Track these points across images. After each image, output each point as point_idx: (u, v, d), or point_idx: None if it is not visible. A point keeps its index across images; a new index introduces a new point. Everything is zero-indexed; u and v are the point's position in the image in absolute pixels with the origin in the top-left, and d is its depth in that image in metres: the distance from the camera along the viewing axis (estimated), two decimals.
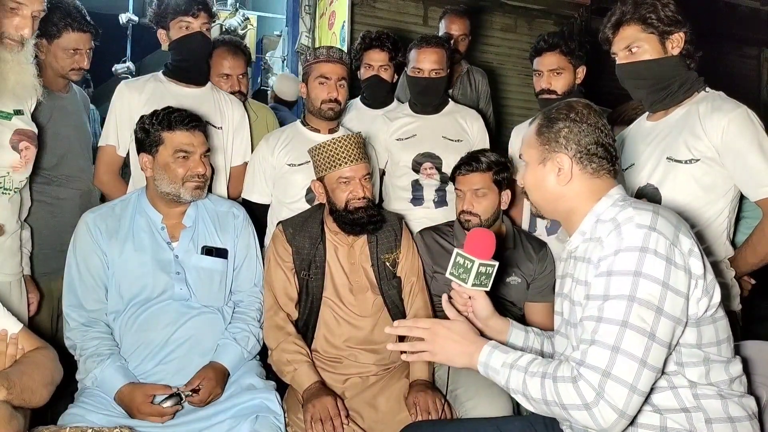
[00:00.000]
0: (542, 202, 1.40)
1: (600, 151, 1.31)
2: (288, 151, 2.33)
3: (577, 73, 2.34)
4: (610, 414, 1.10)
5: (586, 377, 1.12)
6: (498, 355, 1.27)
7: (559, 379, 1.15)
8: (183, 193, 1.88)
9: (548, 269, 2.12)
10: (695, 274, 1.19)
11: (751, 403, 1.26)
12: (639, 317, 1.13)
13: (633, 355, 1.11)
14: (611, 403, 1.10)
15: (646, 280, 1.14)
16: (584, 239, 1.32)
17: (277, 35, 5.09)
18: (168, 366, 1.79)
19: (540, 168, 1.35)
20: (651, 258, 1.15)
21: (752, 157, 1.67)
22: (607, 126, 1.35)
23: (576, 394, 1.12)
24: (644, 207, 1.24)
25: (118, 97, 2.34)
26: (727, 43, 5.16)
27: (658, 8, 1.75)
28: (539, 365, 1.21)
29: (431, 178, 2.44)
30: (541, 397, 1.17)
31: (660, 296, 1.14)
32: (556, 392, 1.15)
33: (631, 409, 1.11)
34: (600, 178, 1.32)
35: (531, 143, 1.38)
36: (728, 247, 1.81)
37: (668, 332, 1.15)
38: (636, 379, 1.10)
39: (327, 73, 2.26)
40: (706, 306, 1.21)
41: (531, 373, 1.20)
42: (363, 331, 1.96)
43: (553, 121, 1.34)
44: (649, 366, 1.12)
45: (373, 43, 2.68)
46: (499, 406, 1.75)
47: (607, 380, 1.10)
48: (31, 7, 1.63)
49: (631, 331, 1.12)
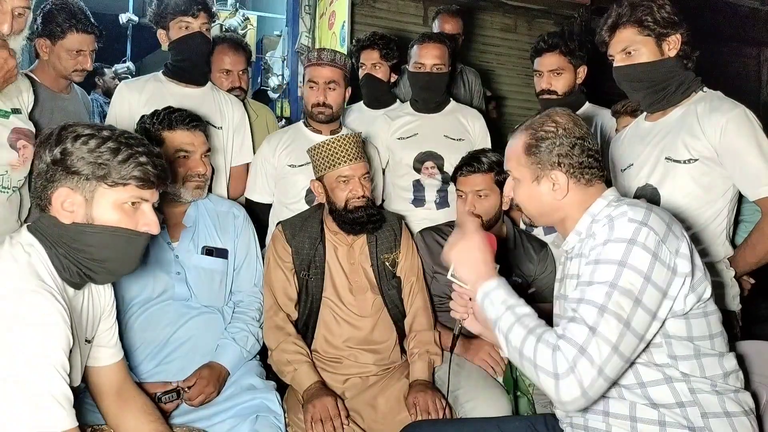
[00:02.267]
0: (537, 214, 1.42)
1: (591, 162, 1.33)
2: (290, 151, 2.33)
3: (578, 73, 2.34)
4: (575, 389, 1.11)
5: (563, 349, 1.14)
6: (502, 292, 1.28)
7: (542, 341, 1.17)
8: (183, 192, 1.88)
9: (549, 269, 2.12)
10: (681, 272, 1.20)
11: (747, 399, 1.27)
12: (617, 303, 1.14)
13: (607, 339, 1.13)
14: (579, 379, 1.11)
15: (630, 270, 1.16)
16: (580, 239, 1.33)
17: (277, 35, 5.09)
18: (169, 366, 1.79)
19: (534, 186, 1.37)
20: (638, 250, 1.17)
21: (751, 156, 1.68)
22: (589, 132, 1.37)
23: (551, 361, 1.14)
24: (639, 204, 1.25)
25: (118, 97, 2.35)
26: (727, 43, 5.17)
27: (654, 10, 1.75)
28: (532, 321, 1.22)
29: (432, 177, 2.45)
30: (518, 347, 1.19)
31: (640, 288, 1.16)
32: (534, 351, 1.16)
33: (594, 390, 1.12)
34: (593, 186, 1.35)
35: (521, 162, 1.38)
36: (727, 246, 1.82)
37: (644, 325, 1.16)
38: (605, 363, 1.12)
39: (315, 77, 2.27)
40: (694, 302, 1.22)
41: (522, 324, 1.21)
42: (363, 331, 1.96)
43: (542, 140, 1.34)
44: (619, 353, 1.13)
45: (364, 43, 2.74)
46: (499, 407, 1.75)
47: (581, 357, 1.12)
48: (10, 2, 1.60)
49: (609, 316, 1.14)
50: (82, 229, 1.26)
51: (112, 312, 1.50)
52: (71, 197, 1.25)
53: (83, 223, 1.26)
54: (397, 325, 2.02)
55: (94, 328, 1.43)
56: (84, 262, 1.28)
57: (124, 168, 1.27)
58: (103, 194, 1.27)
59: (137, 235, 1.32)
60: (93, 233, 1.27)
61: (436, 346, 1.95)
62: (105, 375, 1.49)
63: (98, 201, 1.27)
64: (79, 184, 1.25)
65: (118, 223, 1.29)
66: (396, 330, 2.02)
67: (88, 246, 1.27)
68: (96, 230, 1.27)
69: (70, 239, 1.26)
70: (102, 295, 1.46)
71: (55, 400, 1.14)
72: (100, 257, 1.29)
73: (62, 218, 1.26)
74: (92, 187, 1.26)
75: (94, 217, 1.27)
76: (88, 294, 1.40)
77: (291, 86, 4.67)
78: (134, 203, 1.31)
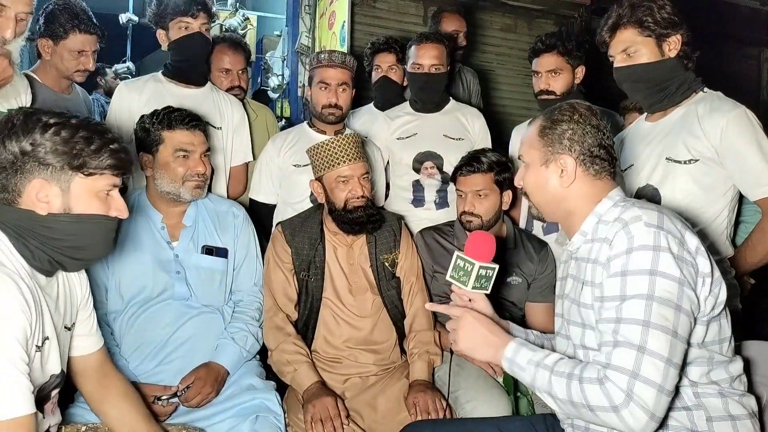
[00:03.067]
0: (543, 203, 1.40)
1: (602, 153, 1.32)
2: (294, 151, 2.34)
3: (576, 73, 2.34)
4: (641, 416, 1.09)
5: (613, 379, 1.11)
6: (524, 353, 1.27)
7: (586, 380, 1.14)
8: (183, 192, 1.88)
9: (549, 269, 2.12)
10: (703, 272, 1.19)
11: (751, 402, 1.27)
12: (661, 315, 1.12)
13: (659, 354, 1.10)
14: (641, 404, 1.09)
15: (663, 278, 1.14)
16: (585, 240, 1.32)
17: (277, 35, 5.09)
18: (169, 366, 1.79)
19: (542, 169, 1.35)
20: (666, 256, 1.15)
21: (751, 157, 1.68)
22: (608, 128, 1.35)
23: (604, 396, 1.11)
24: (649, 206, 1.24)
25: (117, 97, 2.35)
26: (727, 43, 5.16)
27: (654, 11, 1.75)
28: (565, 365, 1.20)
29: (432, 177, 2.45)
30: (567, 398, 1.17)
31: (678, 294, 1.14)
32: (583, 394, 1.14)
33: (660, 410, 1.10)
34: (601, 180, 1.33)
35: (533, 144, 1.37)
36: (728, 246, 1.82)
37: (687, 329, 1.15)
38: (663, 379, 1.10)
39: (327, 79, 2.27)
40: (713, 304, 1.21)
41: (557, 373, 1.19)
42: (362, 331, 1.96)
43: (557, 123, 1.34)
44: (674, 364, 1.12)
45: (382, 46, 2.77)
46: (499, 408, 1.75)
47: (636, 381, 1.09)
48: (14, 9, 1.62)
49: (655, 330, 1.11)
50: (60, 219, 1.26)
51: (89, 301, 1.51)
52: (46, 189, 1.24)
53: (61, 213, 1.26)
54: (397, 325, 2.02)
55: (72, 315, 1.43)
56: (59, 250, 1.28)
57: (100, 157, 1.27)
58: (80, 184, 1.27)
59: (110, 220, 1.33)
60: (71, 222, 1.27)
61: (435, 346, 1.95)
62: (87, 363, 1.50)
63: (75, 191, 1.27)
64: (53, 174, 1.24)
65: (95, 210, 1.29)
66: (396, 330, 2.02)
67: (67, 235, 1.27)
68: (73, 219, 1.27)
69: (46, 230, 1.26)
70: (78, 284, 1.46)
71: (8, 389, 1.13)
72: (77, 245, 1.30)
73: (38, 210, 1.25)
74: (68, 177, 1.25)
75: (72, 207, 1.27)
76: (63, 281, 1.40)
77: (291, 86, 4.66)
78: (108, 191, 1.31)
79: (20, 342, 1.16)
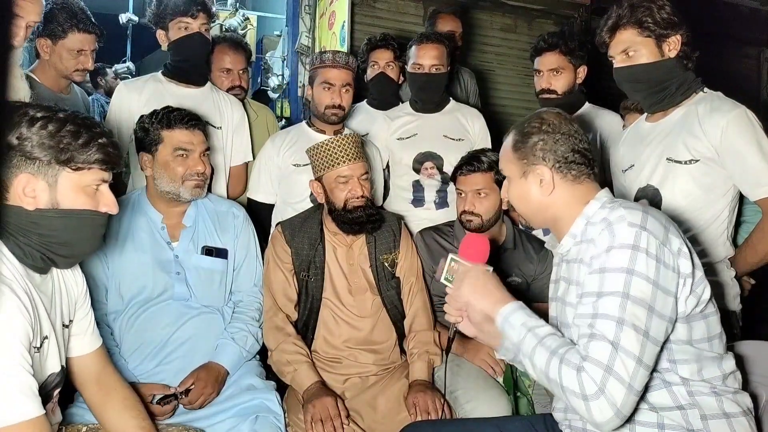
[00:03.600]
0: (529, 213, 1.42)
1: (577, 158, 1.33)
2: (294, 151, 2.34)
3: (578, 73, 2.34)
4: (607, 410, 1.11)
5: (588, 371, 1.13)
6: (521, 314, 1.28)
7: (566, 362, 1.16)
8: (182, 191, 1.88)
9: (549, 269, 2.11)
10: (683, 273, 1.20)
11: (745, 400, 1.27)
12: (633, 315, 1.14)
13: (631, 353, 1.12)
14: (610, 400, 1.11)
15: (638, 278, 1.15)
16: (575, 242, 1.33)
17: (277, 35, 5.09)
18: (169, 366, 1.79)
19: (522, 181, 1.37)
20: (642, 256, 1.16)
21: (751, 157, 1.68)
22: (580, 131, 1.37)
23: (578, 383, 1.13)
24: (634, 207, 1.25)
25: (117, 97, 2.35)
26: (727, 43, 5.16)
27: (654, 11, 1.75)
28: (554, 341, 1.21)
29: (432, 177, 2.44)
30: (544, 370, 1.19)
31: (651, 295, 1.15)
32: (560, 374, 1.16)
33: (627, 408, 1.12)
34: (582, 184, 1.34)
35: (509, 158, 1.40)
36: (728, 246, 1.81)
37: (660, 331, 1.16)
38: (633, 378, 1.11)
39: (331, 79, 2.27)
40: (695, 303, 1.22)
41: (544, 345, 1.21)
42: (362, 331, 1.96)
43: (527, 136, 1.36)
44: (644, 365, 1.13)
45: (379, 43, 2.75)
46: (499, 408, 1.75)
47: (609, 377, 1.11)
48: (26, 19, 1.64)
49: (628, 328, 1.13)
50: (47, 214, 1.25)
51: (87, 299, 1.50)
52: (32, 183, 1.23)
53: (48, 208, 1.25)
54: (397, 325, 2.01)
55: (70, 313, 1.42)
56: (49, 247, 1.27)
57: (87, 151, 1.26)
58: (67, 178, 1.26)
59: (99, 215, 1.32)
60: (58, 218, 1.26)
61: (435, 346, 1.95)
62: (85, 364, 1.49)
63: (62, 185, 1.26)
64: (40, 169, 1.23)
65: (83, 205, 1.28)
66: (395, 330, 2.01)
67: (54, 230, 1.26)
68: (61, 214, 1.26)
69: (33, 225, 1.24)
70: (74, 282, 1.45)
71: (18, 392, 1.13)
72: (65, 240, 1.29)
73: (25, 205, 1.23)
74: (55, 171, 1.24)
75: (59, 202, 1.26)
76: (58, 278, 1.39)
77: (291, 86, 4.66)
78: (97, 185, 1.30)
79: (23, 344, 1.16)
